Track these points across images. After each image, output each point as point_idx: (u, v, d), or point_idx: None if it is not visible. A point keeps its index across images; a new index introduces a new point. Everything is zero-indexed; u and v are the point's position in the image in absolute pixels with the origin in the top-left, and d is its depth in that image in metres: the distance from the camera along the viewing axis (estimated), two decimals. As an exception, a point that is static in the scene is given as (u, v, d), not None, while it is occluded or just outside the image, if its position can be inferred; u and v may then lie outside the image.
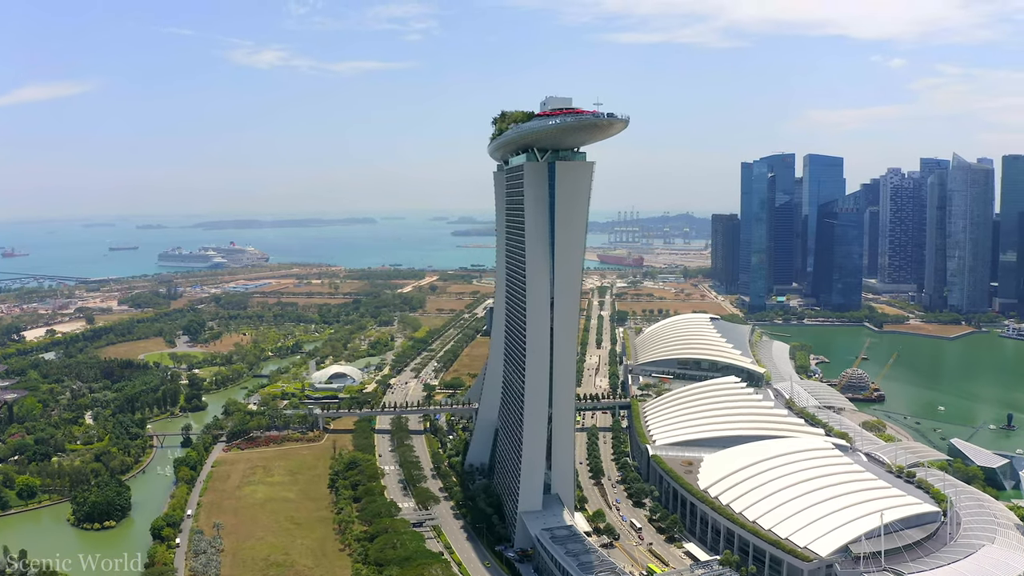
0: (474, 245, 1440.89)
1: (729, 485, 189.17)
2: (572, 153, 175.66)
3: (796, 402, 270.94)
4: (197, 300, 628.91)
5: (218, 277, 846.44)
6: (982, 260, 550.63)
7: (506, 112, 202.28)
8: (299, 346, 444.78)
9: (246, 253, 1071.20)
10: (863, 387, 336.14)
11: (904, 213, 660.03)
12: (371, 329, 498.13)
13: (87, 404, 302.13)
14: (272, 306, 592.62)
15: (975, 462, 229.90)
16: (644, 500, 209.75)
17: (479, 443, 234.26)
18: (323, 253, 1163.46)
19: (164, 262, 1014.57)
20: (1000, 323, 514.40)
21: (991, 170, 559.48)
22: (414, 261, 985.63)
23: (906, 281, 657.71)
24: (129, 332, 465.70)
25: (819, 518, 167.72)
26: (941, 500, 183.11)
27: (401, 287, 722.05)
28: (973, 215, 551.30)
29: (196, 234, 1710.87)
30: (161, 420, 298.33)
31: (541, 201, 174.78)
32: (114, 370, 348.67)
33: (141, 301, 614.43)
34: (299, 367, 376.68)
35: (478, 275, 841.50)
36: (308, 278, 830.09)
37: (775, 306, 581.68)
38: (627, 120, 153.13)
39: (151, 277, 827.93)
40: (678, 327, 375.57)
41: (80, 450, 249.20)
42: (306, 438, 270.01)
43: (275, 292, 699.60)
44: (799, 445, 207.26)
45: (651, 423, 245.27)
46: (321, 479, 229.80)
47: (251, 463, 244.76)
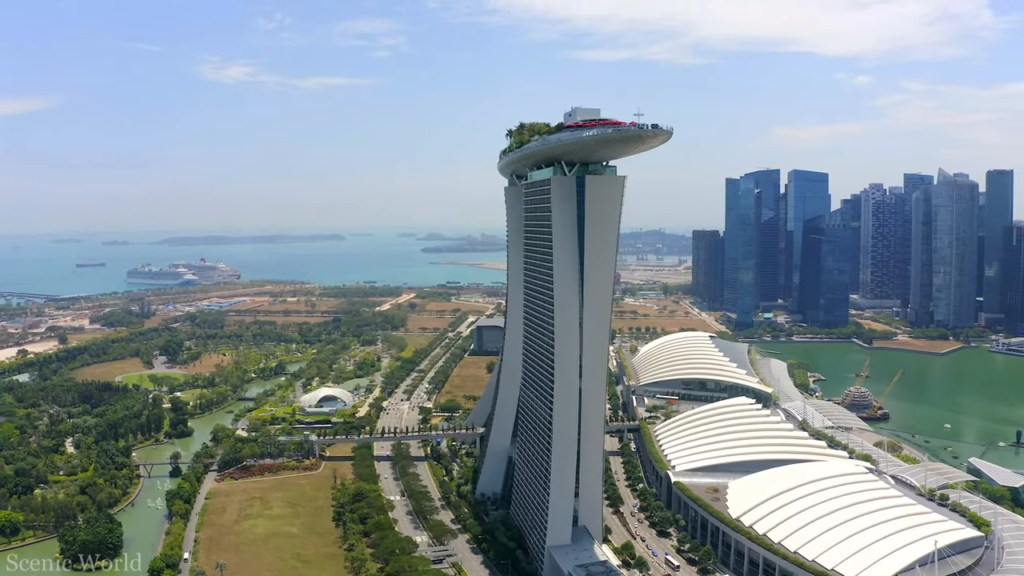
0: (447, 262, 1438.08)
1: (764, 513, 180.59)
2: (601, 167, 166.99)
3: (810, 423, 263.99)
4: (171, 319, 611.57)
5: (190, 295, 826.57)
6: (968, 275, 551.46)
7: (524, 124, 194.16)
8: (282, 367, 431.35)
9: (217, 270, 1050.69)
10: (867, 405, 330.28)
11: (886, 229, 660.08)
12: (355, 349, 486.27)
13: (67, 430, 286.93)
14: (250, 325, 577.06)
15: (997, 481, 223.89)
16: (669, 530, 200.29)
17: (491, 472, 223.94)
18: (295, 270, 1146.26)
19: (133, 279, 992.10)
20: (987, 338, 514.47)
21: (976, 185, 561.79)
22: (388, 278, 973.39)
23: (888, 296, 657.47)
24: (104, 352, 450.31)
25: (865, 546, 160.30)
26: (982, 524, 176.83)
27: (379, 305, 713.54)
28: (959, 230, 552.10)
29: (163, 250, 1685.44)
30: (145, 447, 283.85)
31: (569, 218, 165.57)
32: (93, 393, 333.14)
33: (114, 320, 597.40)
34: (285, 389, 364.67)
35: (456, 292, 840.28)
36: (283, 295, 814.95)
37: (763, 323, 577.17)
38: (671, 132, 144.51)
39: (121, 295, 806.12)
40: (677, 346, 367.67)
41: (64, 481, 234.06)
42: (302, 466, 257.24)
43: (251, 310, 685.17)
44: (830, 470, 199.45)
45: (666, 447, 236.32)
46: (324, 511, 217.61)
47: (247, 494, 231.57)
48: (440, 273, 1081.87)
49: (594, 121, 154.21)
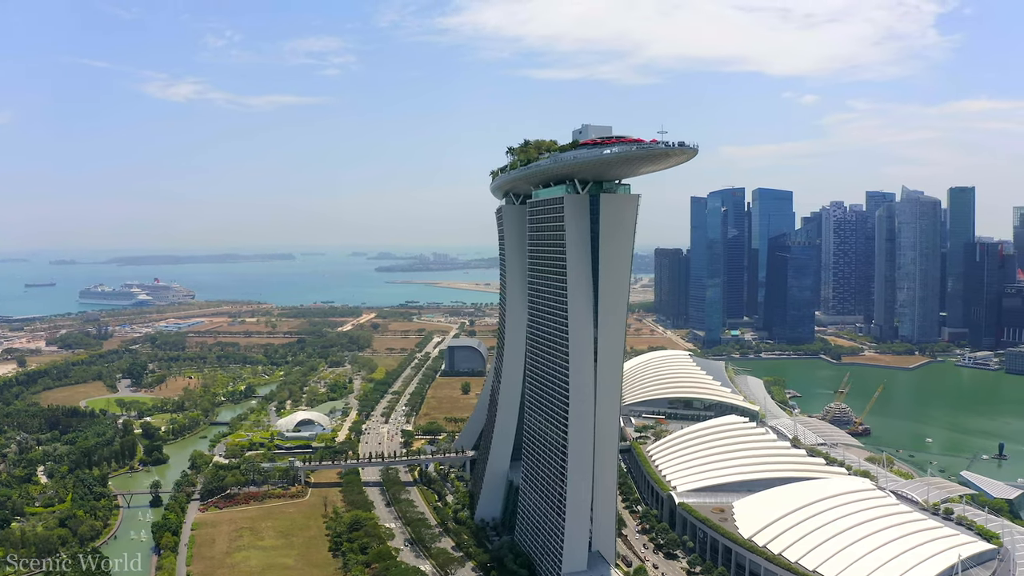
0: (402, 281, 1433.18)
1: (778, 532, 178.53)
2: (615, 185, 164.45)
3: (801, 440, 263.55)
4: (130, 340, 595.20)
5: (146, 315, 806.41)
6: (931, 290, 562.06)
7: (529, 141, 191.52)
8: (252, 390, 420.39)
9: (172, 290, 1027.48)
10: (848, 421, 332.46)
11: (847, 246, 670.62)
12: (324, 370, 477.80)
13: (38, 458, 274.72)
14: (212, 347, 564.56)
15: (992, 494, 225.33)
16: (676, 552, 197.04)
17: (489, 496, 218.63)
18: (250, 290, 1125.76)
19: (86, 299, 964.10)
20: (952, 352, 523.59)
21: (938, 202, 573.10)
22: (345, 298, 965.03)
23: (851, 312, 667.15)
24: (66, 376, 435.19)
25: (885, 562, 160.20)
26: (992, 537, 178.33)
27: (340, 325, 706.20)
28: (922, 246, 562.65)
29: (112, 270, 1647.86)
30: (120, 476, 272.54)
31: (584, 237, 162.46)
32: (60, 419, 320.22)
33: (71, 341, 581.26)
34: (258, 413, 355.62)
35: (416, 312, 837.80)
36: (241, 316, 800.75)
37: (730, 340, 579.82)
38: (696, 150, 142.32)
39: (75, 316, 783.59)
40: (658, 365, 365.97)
41: (42, 514, 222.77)
42: (288, 494, 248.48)
43: (211, 331, 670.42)
44: (836, 487, 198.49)
45: (663, 468, 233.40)
46: (318, 541, 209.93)
47: (235, 524, 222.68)
48: (397, 293, 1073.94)
49: (614, 138, 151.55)
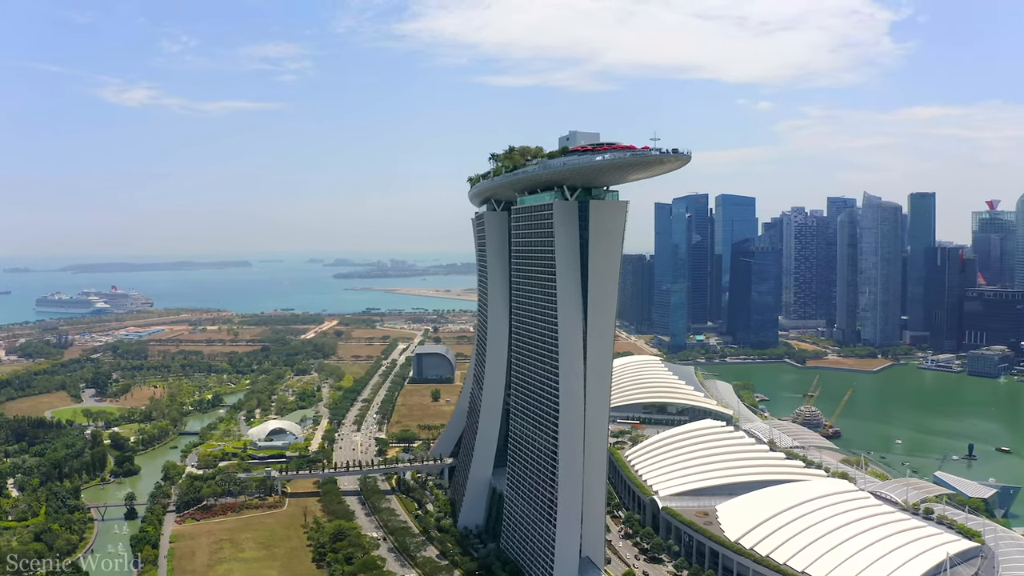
0: (361, 288, 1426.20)
1: (764, 534, 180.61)
2: (604, 191, 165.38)
3: (777, 443, 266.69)
4: (91, 349, 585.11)
5: (105, 324, 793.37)
6: (893, 294, 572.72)
7: (515, 147, 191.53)
8: (219, 399, 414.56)
9: (130, 298, 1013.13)
10: (818, 424, 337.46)
11: (808, 251, 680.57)
12: (290, 378, 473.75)
13: (7, 471, 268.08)
14: (175, 355, 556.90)
15: (967, 494, 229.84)
16: (661, 556, 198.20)
17: (472, 504, 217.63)
18: (208, 298, 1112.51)
19: (43, 307, 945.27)
20: (914, 355, 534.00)
21: (899, 207, 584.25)
22: (305, 305, 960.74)
23: (812, 317, 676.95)
24: (28, 386, 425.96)
25: (873, 561, 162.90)
26: (973, 535, 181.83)
27: (303, 332, 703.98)
28: (883, 251, 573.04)
29: (67, 277, 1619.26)
30: (92, 488, 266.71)
31: (573, 244, 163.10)
32: (27, 430, 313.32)
33: (31, 351, 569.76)
34: (227, 423, 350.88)
35: (379, 319, 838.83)
36: (201, 324, 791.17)
37: (696, 345, 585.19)
38: (690, 156, 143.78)
39: (33, 324, 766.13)
40: (631, 370, 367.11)
41: (15, 528, 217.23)
42: (266, 504, 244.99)
43: (173, 339, 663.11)
44: (818, 489, 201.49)
45: (643, 472, 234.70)
46: (300, 552, 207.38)
47: (214, 536, 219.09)
48: (357, 299, 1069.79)
49: (604, 145, 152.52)
